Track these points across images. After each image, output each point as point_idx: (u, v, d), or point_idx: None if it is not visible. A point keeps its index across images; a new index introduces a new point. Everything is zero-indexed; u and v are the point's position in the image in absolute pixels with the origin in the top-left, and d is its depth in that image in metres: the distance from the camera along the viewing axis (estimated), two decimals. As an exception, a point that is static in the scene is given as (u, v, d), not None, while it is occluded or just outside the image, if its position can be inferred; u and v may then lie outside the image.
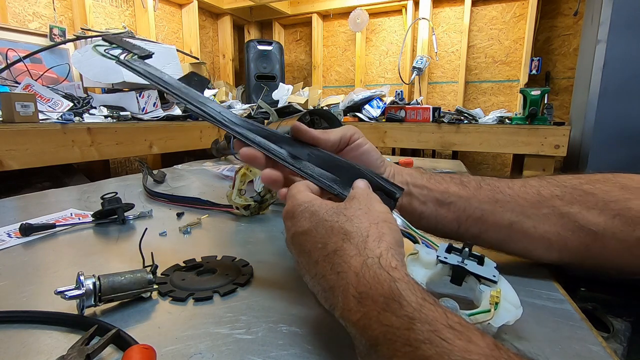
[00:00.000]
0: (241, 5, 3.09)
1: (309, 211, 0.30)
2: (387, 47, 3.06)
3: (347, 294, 0.24)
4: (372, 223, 0.28)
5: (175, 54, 2.00)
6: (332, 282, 0.26)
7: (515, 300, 0.28)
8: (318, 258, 0.28)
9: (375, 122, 2.31)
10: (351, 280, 0.25)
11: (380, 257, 0.25)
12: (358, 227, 0.27)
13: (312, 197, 0.32)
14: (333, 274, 0.26)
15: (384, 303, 0.22)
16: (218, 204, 0.65)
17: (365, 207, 0.29)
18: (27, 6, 1.96)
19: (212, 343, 0.28)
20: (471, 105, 2.79)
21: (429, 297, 0.23)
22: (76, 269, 0.39)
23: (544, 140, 1.84)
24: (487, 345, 0.19)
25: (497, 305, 0.28)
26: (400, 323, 0.21)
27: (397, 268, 0.24)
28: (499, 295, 0.28)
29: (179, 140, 1.79)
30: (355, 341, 0.24)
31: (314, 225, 0.29)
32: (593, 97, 1.59)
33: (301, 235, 0.30)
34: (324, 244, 0.28)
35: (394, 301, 0.22)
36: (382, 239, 0.27)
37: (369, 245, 0.26)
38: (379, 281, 0.23)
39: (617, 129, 1.52)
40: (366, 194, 0.31)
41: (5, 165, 1.15)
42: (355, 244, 0.26)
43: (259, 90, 2.74)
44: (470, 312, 0.28)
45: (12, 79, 1.69)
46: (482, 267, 0.30)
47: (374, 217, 0.29)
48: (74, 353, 0.25)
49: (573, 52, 2.47)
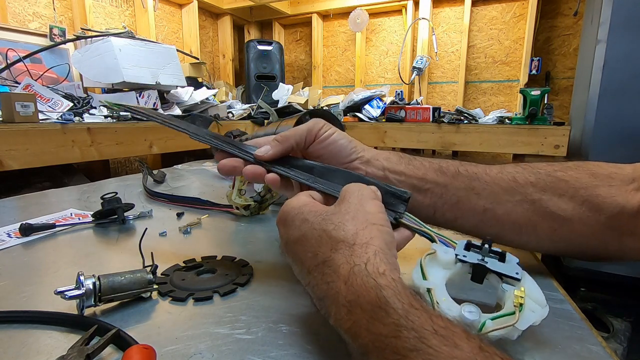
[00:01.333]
0: (241, 5, 3.09)
1: (299, 218, 0.30)
2: (387, 47, 3.06)
3: (338, 304, 0.24)
4: (359, 229, 0.28)
5: (175, 54, 2.00)
6: (323, 292, 0.26)
7: (540, 299, 0.27)
8: (310, 267, 0.28)
9: (375, 122, 2.31)
10: (340, 290, 0.25)
11: (367, 262, 0.25)
12: (344, 235, 0.27)
13: (304, 202, 0.31)
14: (324, 283, 0.26)
15: (372, 311, 0.22)
16: (218, 204, 0.65)
17: (354, 210, 0.29)
18: (27, 6, 1.96)
19: (212, 343, 0.28)
20: (471, 105, 2.79)
21: (416, 301, 0.23)
22: (76, 269, 0.39)
23: (544, 140, 1.83)
24: (471, 349, 0.20)
25: (522, 307, 0.27)
26: (387, 331, 0.21)
27: (385, 273, 0.24)
28: (523, 295, 0.27)
29: (179, 140, 1.79)
30: (349, 347, 0.24)
31: (303, 233, 0.29)
32: (593, 97, 1.58)
33: (293, 243, 0.30)
34: (314, 253, 0.28)
35: (381, 309, 0.22)
36: (370, 244, 0.26)
37: (356, 252, 0.26)
38: (366, 289, 0.23)
39: (617, 129, 1.52)
40: (357, 193, 0.31)
41: (5, 165, 1.15)
42: (342, 253, 0.26)
43: (259, 90, 2.74)
44: (493, 316, 0.27)
45: (12, 79, 1.69)
46: (503, 265, 0.29)
47: (362, 221, 0.28)
48: (74, 353, 0.25)
49: (573, 52, 2.47)
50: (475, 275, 0.30)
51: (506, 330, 0.26)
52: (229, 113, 2.29)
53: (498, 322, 0.26)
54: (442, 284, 0.29)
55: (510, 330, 0.26)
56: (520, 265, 0.29)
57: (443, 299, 0.28)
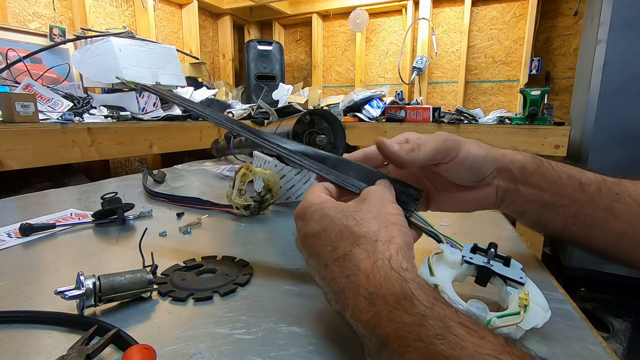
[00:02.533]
0: (241, 5, 3.09)
1: (319, 213, 0.30)
2: (387, 47, 3.06)
3: (358, 295, 0.25)
4: (381, 227, 0.28)
5: (175, 54, 2.00)
6: (342, 284, 0.26)
7: (543, 303, 0.28)
8: (328, 261, 0.28)
9: (375, 122, 2.31)
10: (361, 282, 0.25)
11: (390, 258, 0.25)
12: (367, 231, 0.27)
13: (324, 199, 0.32)
14: (343, 277, 0.26)
15: (396, 302, 0.23)
16: (218, 204, 0.65)
17: (376, 210, 0.29)
18: (27, 6, 1.96)
19: (212, 343, 0.28)
20: (471, 105, 2.79)
21: (440, 297, 0.23)
22: (76, 269, 0.39)
23: (544, 140, 1.83)
24: (499, 342, 0.20)
25: (527, 308, 0.27)
26: (411, 320, 0.22)
27: (408, 269, 0.25)
28: (528, 298, 0.28)
29: (179, 140, 1.79)
30: (365, 341, 0.24)
31: (323, 227, 0.29)
32: (593, 97, 1.58)
33: (311, 237, 0.30)
34: (334, 247, 0.28)
35: (406, 299, 0.22)
36: (392, 242, 0.27)
37: (379, 248, 0.26)
38: (390, 281, 0.24)
39: (617, 129, 1.52)
40: (378, 194, 0.31)
41: (5, 165, 1.15)
42: (364, 248, 0.27)
43: (259, 90, 2.74)
44: (499, 314, 0.27)
45: (12, 79, 1.69)
46: (508, 269, 0.30)
47: (384, 220, 0.29)
48: (74, 353, 0.25)
49: (573, 52, 2.47)
50: (480, 277, 0.31)
51: (511, 328, 0.27)
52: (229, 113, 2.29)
53: (503, 320, 0.27)
54: (449, 281, 0.30)
55: (515, 330, 0.27)
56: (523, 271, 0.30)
57: (449, 295, 0.29)
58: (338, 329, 0.30)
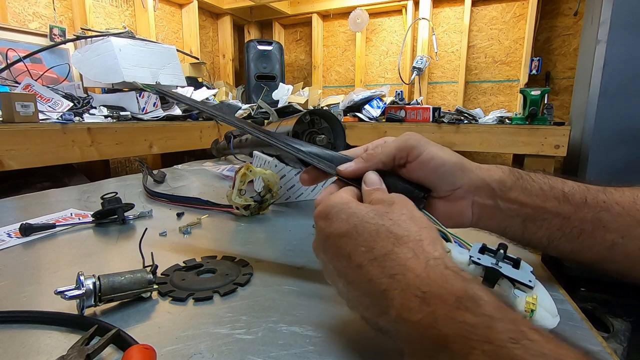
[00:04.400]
0: (241, 5, 3.09)
1: (346, 212, 0.28)
2: (387, 47, 3.06)
3: (408, 295, 0.23)
4: (421, 227, 0.27)
5: (175, 54, 2.00)
6: (383, 285, 0.25)
7: (552, 308, 0.27)
8: (362, 262, 0.26)
9: (375, 122, 2.31)
10: (411, 281, 0.24)
11: (442, 258, 0.25)
12: (408, 231, 0.26)
13: (348, 199, 0.30)
14: (384, 277, 0.25)
15: (457, 301, 0.22)
16: (218, 204, 0.65)
17: (409, 212, 0.28)
18: (27, 6, 1.96)
19: (212, 343, 0.28)
20: (471, 105, 2.79)
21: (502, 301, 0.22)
22: (76, 269, 0.39)
23: (544, 140, 1.83)
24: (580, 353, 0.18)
25: (533, 313, 0.27)
26: (477, 321, 0.20)
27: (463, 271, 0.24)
28: (536, 302, 0.27)
29: (179, 140, 1.79)
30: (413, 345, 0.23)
31: (352, 227, 0.27)
32: (593, 97, 1.58)
33: (338, 237, 0.28)
34: (369, 247, 0.26)
35: (470, 299, 0.21)
36: (437, 243, 0.26)
37: (426, 247, 0.25)
38: (447, 280, 0.23)
39: (617, 129, 1.52)
40: (405, 199, 0.30)
41: (5, 165, 1.15)
42: (409, 247, 0.25)
43: (259, 90, 2.74)
44: None
45: (12, 79, 1.69)
46: (517, 271, 0.29)
47: (420, 222, 0.28)
48: (74, 353, 0.25)
49: (573, 52, 2.47)
50: (488, 278, 0.29)
51: None
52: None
53: None
54: None
55: None
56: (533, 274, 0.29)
57: None
58: (338, 328, 0.30)
